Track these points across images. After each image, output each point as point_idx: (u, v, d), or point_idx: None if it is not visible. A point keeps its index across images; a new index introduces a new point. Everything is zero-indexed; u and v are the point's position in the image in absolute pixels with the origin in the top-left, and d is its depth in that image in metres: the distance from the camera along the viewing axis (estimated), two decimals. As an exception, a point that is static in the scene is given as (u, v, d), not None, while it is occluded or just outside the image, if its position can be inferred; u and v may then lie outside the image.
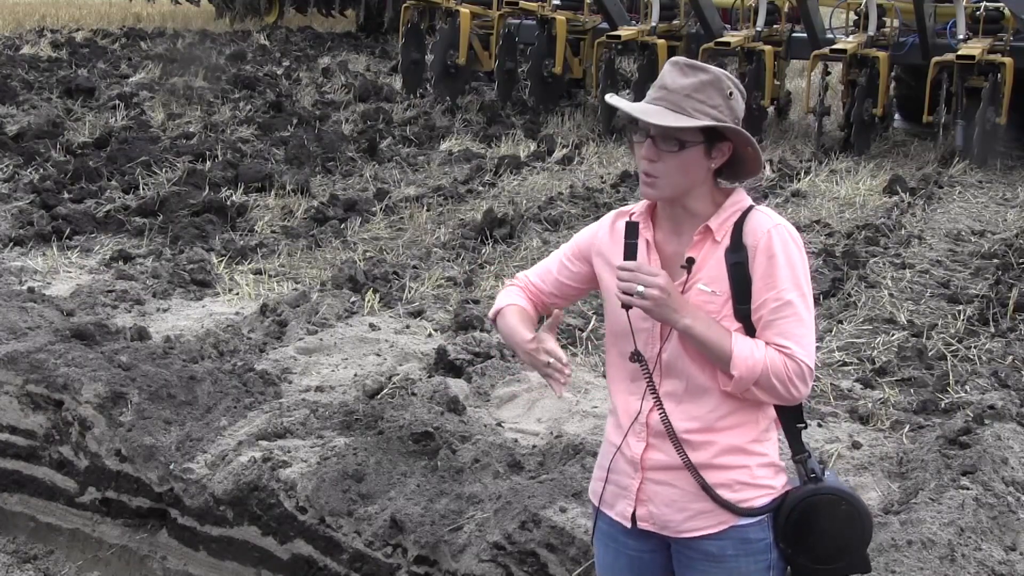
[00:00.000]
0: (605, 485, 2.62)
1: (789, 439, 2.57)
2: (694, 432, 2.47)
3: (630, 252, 2.43)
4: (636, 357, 2.50)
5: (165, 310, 6.15)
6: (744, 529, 2.49)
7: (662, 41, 12.77)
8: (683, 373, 2.48)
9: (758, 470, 2.49)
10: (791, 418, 2.56)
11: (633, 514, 2.55)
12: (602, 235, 2.63)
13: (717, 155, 2.46)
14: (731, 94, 2.44)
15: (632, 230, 2.46)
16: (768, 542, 2.50)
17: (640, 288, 2.36)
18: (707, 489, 2.46)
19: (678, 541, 2.54)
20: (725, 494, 2.47)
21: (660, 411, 2.48)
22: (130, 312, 6.04)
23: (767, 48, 12.52)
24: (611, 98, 2.58)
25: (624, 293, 2.38)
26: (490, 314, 2.75)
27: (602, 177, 10.55)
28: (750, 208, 2.49)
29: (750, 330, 2.43)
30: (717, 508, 2.47)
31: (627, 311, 2.45)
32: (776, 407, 2.52)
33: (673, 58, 2.52)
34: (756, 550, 2.50)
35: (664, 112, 2.41)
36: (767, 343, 2.41)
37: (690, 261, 2.46)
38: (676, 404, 2.49)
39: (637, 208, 2.61)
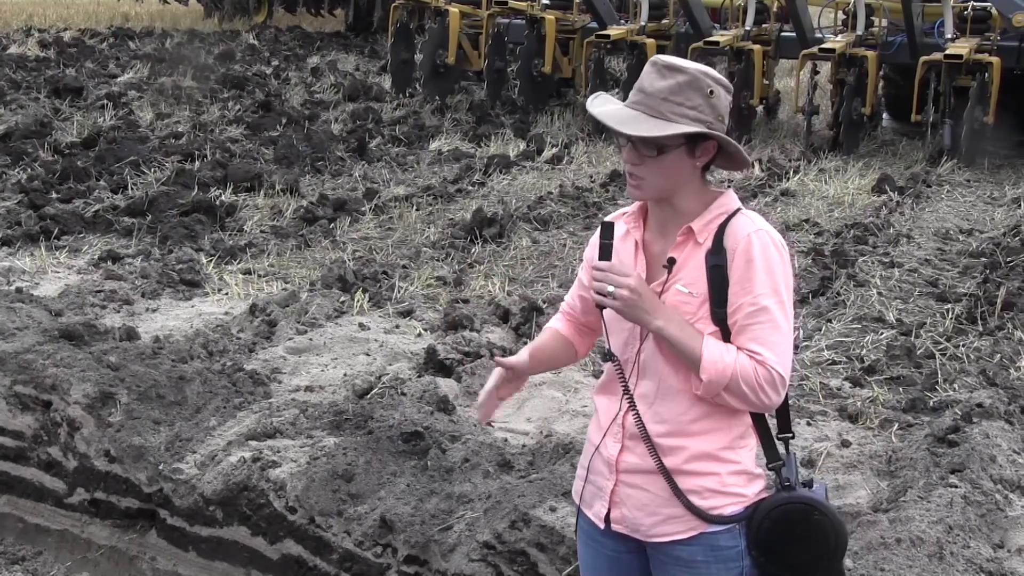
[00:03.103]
0: (585, 485, 2.61)
1: (764, 447, 2.54)
2: (665, 436, 2.46)
3: (604, 252, 2.44)
4: (608, 356, 2.51)
5: (154, 310, 6.13)
6: (714, 536, 2.47)
7: (651, 40, 12.78)
8: (657, 375, 2.47)
9: (729, 477, 2.47)
10: (769, 427, 2.54)
11: (608, 516, 2.55)
12: (594, 240, 2.63)
13: (701, 154, 2.45)
14: (711, 92, 2.40)
15: (607, 230, 2.46)
16: (739, 549, 2.48)
17: (611, 288, 2.36)
18: (678, 494, 2.45)
19: (650, 545, 2.53)
20: (695, 500, 2.45)
21: (633, 413, 2.48)
22: (119, 312, 6.02)
23: (756, 47, 12.54)
24: (590, 106, 2.53)
25: (597, 293, 2.39)
26: None
27: (591, 176, 10.55)
28: (736, 211, 2.47)
29: (727, 334, 2.42)
30: (687, 514, 2.45)
31: (601, 311, 2.47)
32: (755, 415, 2.49)
33: (653, 57, 2.48)
34: (727, 557, 2.48)
35: (640, 118, 2.40)
36: (740, 348, 2.39)
37: (671, 261, 2.45)
38: (648, 406, 2.48)
39: (630, 208, 2.60)
